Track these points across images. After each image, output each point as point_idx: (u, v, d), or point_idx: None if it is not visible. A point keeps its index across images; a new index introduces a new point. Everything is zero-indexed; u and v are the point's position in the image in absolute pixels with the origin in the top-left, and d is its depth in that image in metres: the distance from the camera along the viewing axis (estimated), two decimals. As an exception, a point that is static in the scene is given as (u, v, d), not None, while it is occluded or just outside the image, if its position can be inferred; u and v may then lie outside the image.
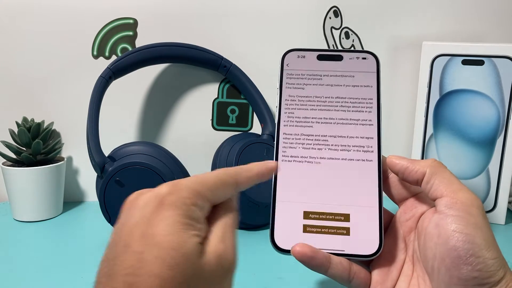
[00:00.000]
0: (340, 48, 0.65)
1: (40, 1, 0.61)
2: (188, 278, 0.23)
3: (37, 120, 0.60)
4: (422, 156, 0.58)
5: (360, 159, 0.34)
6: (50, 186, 0.58)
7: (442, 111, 0.57)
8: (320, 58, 0.37)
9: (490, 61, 0.54)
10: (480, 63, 0.55)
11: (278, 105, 0.36)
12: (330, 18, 0.65)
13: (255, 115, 0.65)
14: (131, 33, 0.63)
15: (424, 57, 0.57)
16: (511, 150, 0.55)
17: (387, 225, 0.35)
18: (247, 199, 0.52)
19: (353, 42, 0.66)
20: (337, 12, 0.65)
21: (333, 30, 0.65)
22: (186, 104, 0.65)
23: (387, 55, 0.66)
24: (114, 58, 0.63)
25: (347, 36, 0.65)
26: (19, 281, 0.44)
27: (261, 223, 0.55)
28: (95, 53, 0.63)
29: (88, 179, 0.65)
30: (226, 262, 0.26)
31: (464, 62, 0.55)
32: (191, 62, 0.61)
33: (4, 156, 0.59)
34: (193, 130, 0.66)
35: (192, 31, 0.63)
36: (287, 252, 0.32)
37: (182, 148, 0.63)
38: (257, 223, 0.55)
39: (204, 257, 0.25)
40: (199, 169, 0.56)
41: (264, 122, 0.62)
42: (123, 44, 0.63)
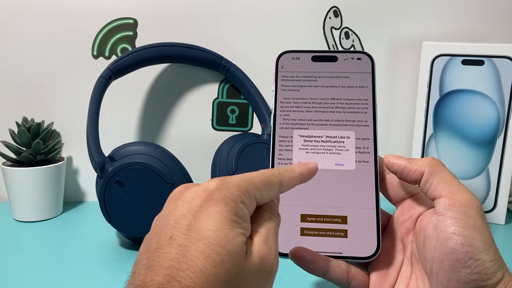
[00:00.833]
0: (340, 48, 0.65)
1: (40, 1, 0.61)
2: (231, 277, 0.23)
3: (37, 120, 0.60)
4: (422, 156, 0.58)
5: (356, 160, 0.34)
6: (50, 186, 0.58)
7: (442, 111, 0.57)
8: (315, 59, 0.37)
9: (490, 61, 0.54)
10: (480, 63, 0.55)
11: (273, 107, 0.36)
12: (330, 18, 0.65)
13: (255, 115, 0.65)
14: (131, 33, 0.63)
15: (424, 57, 0.57)
16: (511, 150, 0.55)
17: (385, 226, 0.35)
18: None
19: (353, 42, 0.66)
20: (337, 12, 0.65)
21: (333, 30, 0.65)
22: (186, 104, 0.65)
23: (387, 55, 0.66)
24: (114, 58, 0.63)
25: (347, 36, 0.65)
26: (19, 281, 0.44)
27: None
28: (95, 53, 0.63)
29: (88, 179, 0.65)
30: (268, 265, 0.25)
31: (464, 62, 0.55)
32: (191, 62, 0.61)
33: (4, 156, 0.59)
34: (193, 130, 0.66)
35: (192, 31, 0.63)
36: (285, 255, 0.32)
37: (182, 148, 0.63)
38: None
39: (248, 257, 0.24)
40: (199, 169, 0.56)
41: (264, 122, 0.62)
42: (123, 44, 0.63)
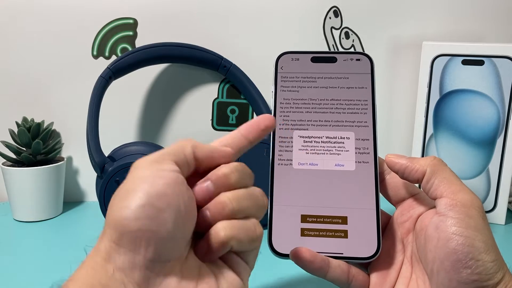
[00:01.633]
0: (340, 48, 0.65)
1: (40, 1, 0.61)
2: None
3: (37, 120, 0.60)
4: (422, 156, 0.58)
5: (356, 161, 0.34)
6: (50, 186, 0.58)
7: (442, 111, 0.57)
8: (314, 60, 0.37)
9: (490, 61, 0.54)
10: (480, 63, 0.55)
11: (273, 108, 0.36)
12: (330, 18, 0.65)
13: (255, 115, 0.65)
14: (131, 33, 0.63)
15: (424, 57, 0.57)
16: (511, 150, 0.55)
17: (385, 226, 0.35)
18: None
19: (353, 42, 0.66)
20: (337, 12, 0.65)
21: (333, 30, 0.65)
22: (186, 104, 0.65)
23: (387, 55, 0.66)
24: (114, 58, 0.63)
25: (347, 36, 0.65)
26: (19, 281, 0.44)
27: (261, 223, 0.55)
28: (95, 53, 0.63)
29: (88, 179, 0.65)
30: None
31: (464, 62, 0.55)
32: (191, 62, 0.61)
33: (4, 156, 0.59)
34: (193, 130, 0.66)
35: (192, 31, 0.63)
36: (285, 256, 0.32)
37: (182, 148, 0.63)
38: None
39: None
40: (199, 169, 0.56)
41: (264, 122, 0.62)
42: (123, 44, 0.63)
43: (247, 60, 0.63)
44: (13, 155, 0.58)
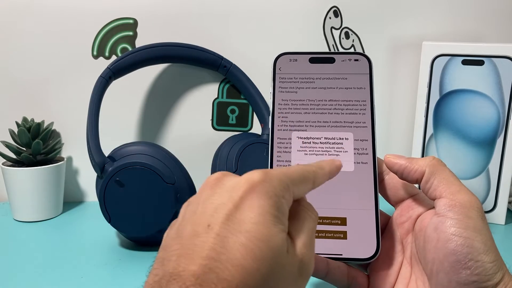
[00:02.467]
0: (340, 48, 0.65)
1: (40, 1, 0.61)
2: (271, 275, 0.22)
3: (37, 120, 0.60)
4: (422, 156, 0.58)
5: (355, 161, 0.34)
6: (50, 186, 0.58)
7: (442, 111, 0.57)
8: (312, 61, 0.37)
9: (490, 61, 0.54)
10: (480, 63, 0.55)
11: (271, 109, 0.36)
12: (330, 18, 0.64)
13: (255, 115, 0.65)
14: (131, 33, 0.63)
15: (424, 57, 0.57)
16: (511, 150, 0.55)
17: (384, 227, 0.35)
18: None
19: (353, 42, 0.66)
20: (337, 12, 0.65)
21: (333, 30, 0.65)
22: (186, 104, 0.65)
23: (387, 55, 0.66)
24: (114, 58, 0.63)
25: (347, 36, 0.65)
26: (19, 281, 0.44)
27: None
28: (95, 53, 0.63)
29: (88, 179, 0.65)
30: (306, 269, 0.24)
31: (464, 62, 0.55)
32: (191, 62, 0.61)
33: (4, 156, 0.59)
34: (193, 130, 0.66)
35: (192, 31, 0.63)
36: None
37: (182, 148, 0.63)
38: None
39: (289, 256, 0.23)
40: (199, 169, 0.56)
41: (264, 122, 0.62)
42: (123, 44, 0.63)
43: (247, 60, 0.63)
44: (13, 155, 0.58)
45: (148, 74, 0.64)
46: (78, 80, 0.63)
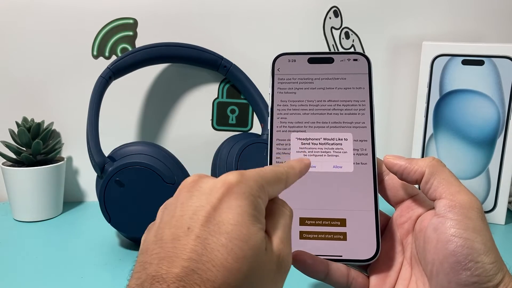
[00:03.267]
0: (340, 48, 0.65)
1: (40, 1, 0.61)
2: (252, 273, 0.22)
3: (37, 120, 0.60)
4: (422, 156, 0.58)
5: (354, 162, 0.34)
6: (50, 186, 0.58)
7: (442, 111, 0.56)
8: (311, 61, 0.37)
9: (490, 61, 0.54)
10: (480, 63, 0.54)
11: (270, 110, 0.36)
12: (330, 18, 0.64)
13: (255, 115, 0.65)
14: (131, 33, 0.63)
15: (424, 57, 0.57)
16: (511, 150, 0.55)
17: (384, 228, 0.35)
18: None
19: (353, 42, 0.65)
20: (337, 12, 0.65)
21: (333, 30, 0.65)
22: (186, 104, 0.65)
23: (387, 55, 0.66)
24: (114, 58, 0.63)
25: (347, 36, 0.65)
26: (19, 281, 0.44)
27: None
28: (95, 53, 0.63)
29: (88, 179, 0.65)
30: (285, 264, 0.25)
31: (464, 62, 0.55)
32: (191, 62, 0.61)
33: (4, 156, 0.59)
34: (193, 130, 0.66)
35: (192, 31, 0.63)
36: None
37: (182, 148, 0.63)
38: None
39: (268, 254, 0.24)
40: (199, 169, 0.56)
41: (264, 122, 0.62)
42: (123, 44, 0.63)
43: (247, 60, 0.63)
44: (13, 155, 0.58)
45: (148, 74, 0.63)
46: (78, 80, 0.63)
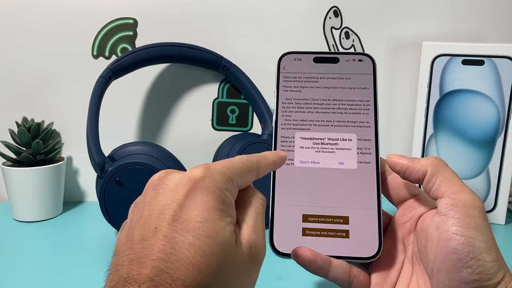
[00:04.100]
0: (340, 48, 0.65)
1: (40, 1, 0.61)
2: (222, 268, 0.23)
3: (37, 120, 0.60)
4: (422, 156, 0.58)
5: (358, 161, 0.34)
6: (50, 186, 0.58)
7: (442, 111, 0.57)
8: (316, 60, 0.37)
9: (490, 61, 0.54)
10: (480, 63, 0.55)
11: (275, 108, 0.36)
12: (330, 18, 0.65)
13: (255, 115, 0.65)
14: (131, 33, 0.63)
15: (424, 57, 0.57)
16: (511, 150, 0.55)
17: (386, 226, 0.35)
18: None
19: (353, 42, 0.66)
20: (337, 12, 0.65)
21: (333, 30, 0.65)
22: (186, 104, 0.65)
23: (387, 55, 0.66)
24: (114, 58, 0.63)
25: (347, 36, 0.65)
26: (19, 281, 0.44)
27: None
28: (95, 53, 0.63)
29: (88, 179, 0.65)
30: (258, 254, 0.25)
31: (464, 62, 0.55)
32: (191, 62, 0.61)
33: (4, 156, 0.59)
34: (193, 130, 0.66)
35: (192, 31, 0.63)
36: (287, 255, 0.32)
37: (182, 148, 0.63)
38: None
39: (238, 247, 0.24)
40: (199, 169, 0.56)
41: (264, 122, 0.62)
42: (123, 44, 0.63)
43: (247, 60, 0.63)
44: (13, 155, 0.58)
45: (148, 74, 0.63)
46: (78, 80, 0.63)
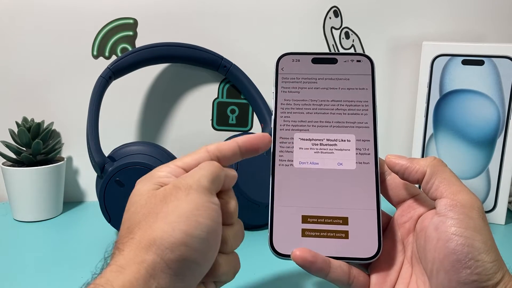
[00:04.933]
0: (340, 48, 0.65)
1: (40, 1, 0.61)
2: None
3: (37, 120, 0.60)
4: (422, 156, 0.58)
5: (357, 161, 0.34)
6: (50, 186, 0.58)
7: (442, 111, 0.57)
8: (315, 61, 0.37)
9: (490, 61, 0.54)
10: (480, 63, 0.55)
11: (274, 109, 0.36)
12: (330, 18, 0.65)
13: (255, 115, 0.65)
14: (131, 33, 0.63)
15: (424, 57, 0.57)
16: (511, 150, 0.55)
17: (385, 227, 0.35)
18: (247, 199, 0.52)
19: (353, 42, 0.66)
20: (337, 12, 0.65)
21: (333, 30, 0.65)
22: (186, 104, 0.65)
23: (387, 55, 0.66)
24: (114, 58, 0.63)
25: (347, 36, 0.65)
26: (19, 281, 0.44)
27: (260, 223, 0.55)
28: (95, 53, 0.63)
29: (88, 179, 0.65)
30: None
31: (464, 62, 0.55)
32: (191, 62, 0.61)
33: (4, 156, 0.59)
34: (193, 130, 0.66)
35: (192, 31, 0.63)
36: (286, 257, 0.32)
37: (182, 148, 0.63)
38: (256, 223, 0.55)
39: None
40: (199, 169, 0.56)
41: (264, 122, 0.62)
42: (123, 44, 0.63)
43: (247, 60, 0.63)
44: (13, 155, 0.58)
45: (148, 74, 0.64)
46: (78, 80, 0.63)
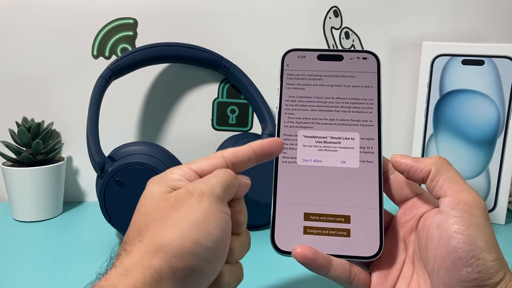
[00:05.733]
0: (340, 48, 0.65)
1: (40, 1, 0.61)
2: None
3: (37, 120, 0.60)
4: (422, 156, 0.58)
5: (360, 160, 0.34)
6: (50, 186, 0.58)
7: (442, 111, 0.57)
8: (321, 58, 0.37)
9: (490, 61, 0.54)
10: (480, 63, 0.55)
11: (278, 106, 0.36)
12: (330, 18, 0.65)
13: (255, 115, 0.65)
14: (131, 33, 0.63)
15: (424, 57, 0.57)
16: (511, 150, 0.55)
17: (387, 226, 0.35)
18: (248, 199, 0.52)
19: (353, 42, 0.66)
20: (337, 12, 0.65)
21: (333, 30, 0.65)
22: (186, 104, 0.65)
23: (387, 55, 0.66)
24: (114, 58, 0.63)
25: (347, 36, 0.65)
26: (19, 281, 0.43)
27: (262, 223, 0.55)
28: (95, 53, 0.63)
29: (88, 179, 0.65)
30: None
31: (464, 62, 0.55)
32: (191, 62, 0.61)
33: (4, 156, 0.59)
34: (193, 130, 0.66)
35: (192, 31, 0.63)
36: (288, 254, 0.32)
37: (182, 148, 0.63)
38: (258, 223, 0.55)
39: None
40: (199, 169, 0.56)
41: (264, 122, 0.62)
42: (123, 44, 0.63)
43: (247, 60, 0.63)
44: (13, 155, 0.58)
45: (148, 74, 0.63)
46: (78, 80, 0.63)
